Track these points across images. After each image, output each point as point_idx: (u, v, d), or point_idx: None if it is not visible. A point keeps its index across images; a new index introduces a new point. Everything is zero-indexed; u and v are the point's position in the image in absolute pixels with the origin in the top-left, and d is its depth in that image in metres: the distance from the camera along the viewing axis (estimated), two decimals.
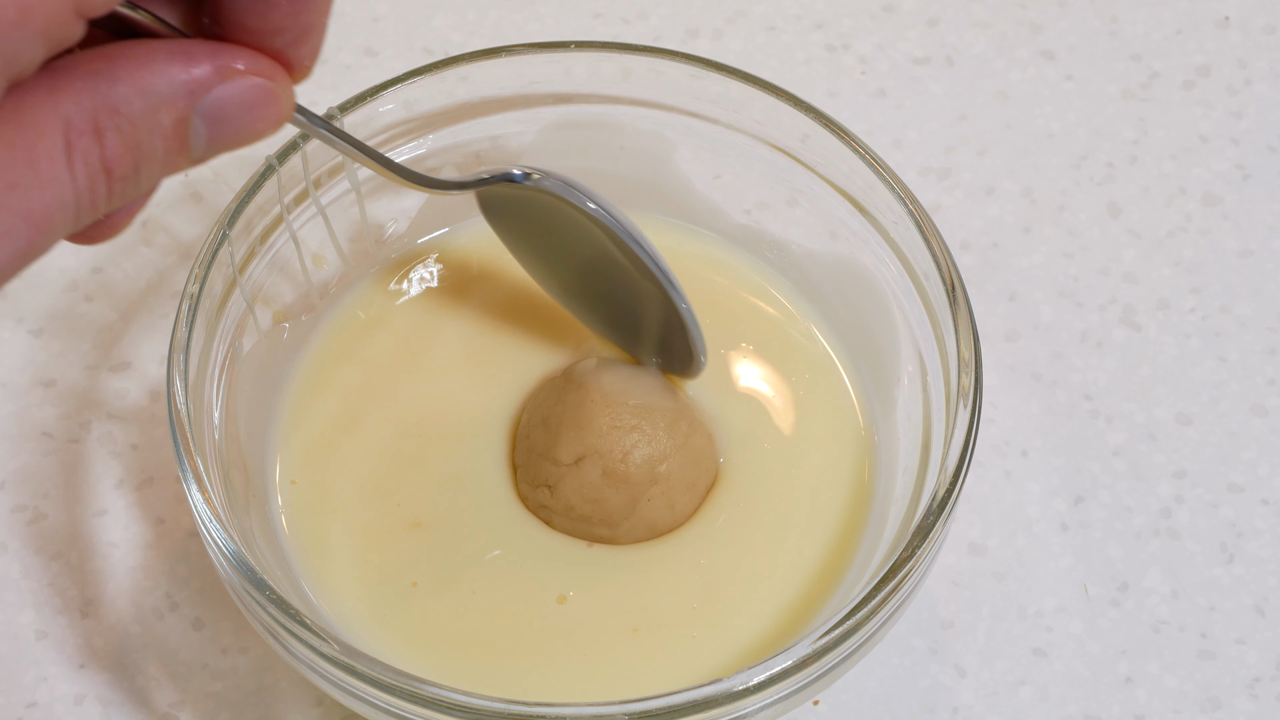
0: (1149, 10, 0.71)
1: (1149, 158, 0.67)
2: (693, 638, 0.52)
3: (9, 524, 0.58)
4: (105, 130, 0.36)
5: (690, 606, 0.53)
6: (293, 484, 0.55)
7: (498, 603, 0.53)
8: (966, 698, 0.56)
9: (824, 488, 0.55)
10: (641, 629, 0.53)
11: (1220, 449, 0.61)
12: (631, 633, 0.52)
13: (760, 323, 0.58)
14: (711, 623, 0.53)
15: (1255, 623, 0.57)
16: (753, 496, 0.55)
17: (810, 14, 0.70)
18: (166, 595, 0.57)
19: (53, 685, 0.56)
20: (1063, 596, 0.58)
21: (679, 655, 0.52)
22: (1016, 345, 0.63)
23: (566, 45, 0.58)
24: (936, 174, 0.67)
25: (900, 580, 0.48)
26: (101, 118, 0.36)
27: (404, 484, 0.55)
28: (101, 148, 0.36)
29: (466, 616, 0.53)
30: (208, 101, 0.37)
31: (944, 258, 0.53)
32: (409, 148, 0.58)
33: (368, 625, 0.52)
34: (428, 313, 0.58)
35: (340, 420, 0.56)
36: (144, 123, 0.37)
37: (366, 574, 0.53)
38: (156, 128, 0.37)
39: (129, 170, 0.37)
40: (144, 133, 0.37)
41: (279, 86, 0.39)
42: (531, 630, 0.52)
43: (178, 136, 0.37)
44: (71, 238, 0.39)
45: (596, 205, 0.52)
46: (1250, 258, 0.65)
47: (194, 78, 0.37)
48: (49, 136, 0.36)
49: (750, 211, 0.60)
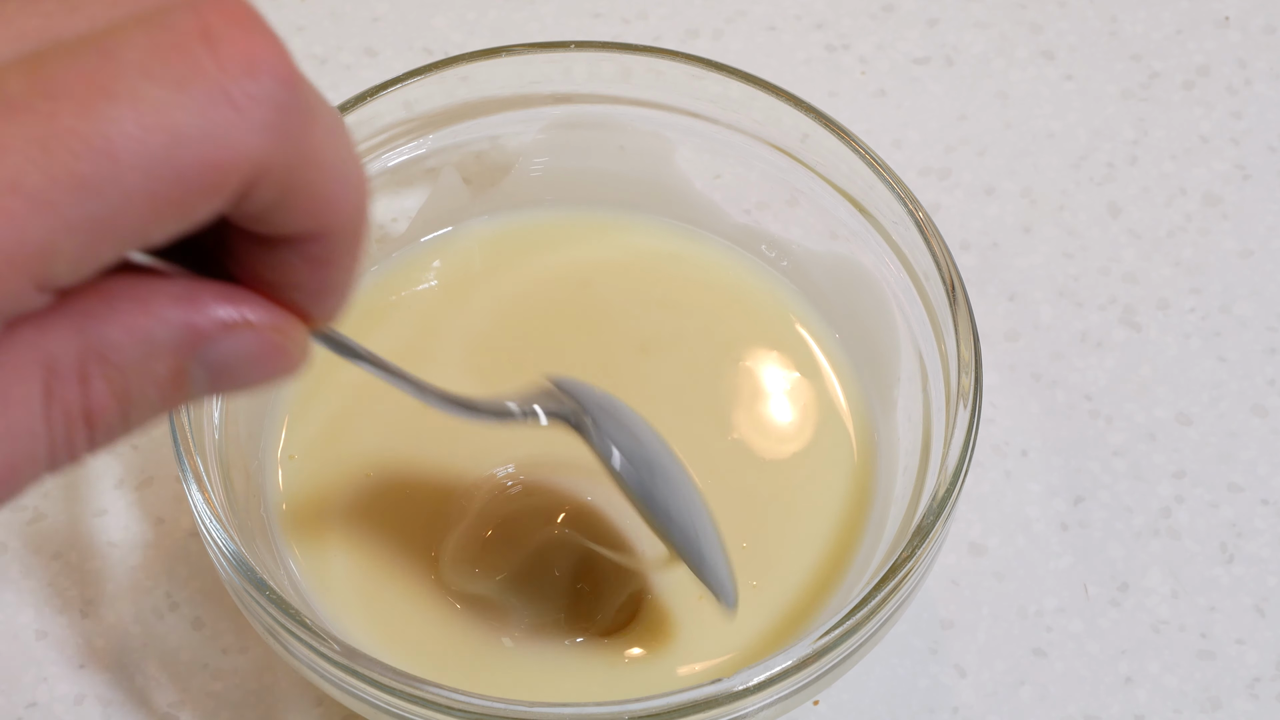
0: (1149, 10, 0.71)
1: (1149, 158, 0.67)
2: (693, 637, 0.52)
3: (9, 524, 0.58)
4: (92, 378, 0.33)
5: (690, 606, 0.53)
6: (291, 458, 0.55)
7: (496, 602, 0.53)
8: (966, 698, 0.56)
9: (824, 488, 0.55)
10: (641, 629, 0.53)
11: (1220, 449, 0.61)
12: (631, 632, 0.52)
13: (760, 323, 0.58)
14: (712, 622, 0.53)
15: (1255, 623, 0.57)
16: (752, 496, 0.55)
17: (810, 14, 0.70)
18: (166, 595, 0.57)
19: (53, 685, 0.56)
20: (1063, 596, 0.58)
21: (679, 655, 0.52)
22: (1016, 345, 0.63)
23: (566, 45, 0.58)
24: (936, 174, 0.67)
25: (900, 580, 0.48)
26: (89, 364, 0.33)
27: (403, 484, 0.55)
28: (85, 396, 0.33)
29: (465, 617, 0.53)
30: (209, 352, 0.34)
31: (944, 258, 0.53)
32: (409, 148, 0.58)
33: (367, 625, 0.52)
34: (428, 312, 0.58)
35: (340, 420, 0.56)
36: (136, 371, 0.33)
37: (366, 574, 0.53)
38: (149, 376, 0.33)
39: (115, 419, 0.33)
40: (135, 381, 0.33)
41: (290, 340, 0.35)
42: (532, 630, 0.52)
43: (174, 385, 0.34)
44: None
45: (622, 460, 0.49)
46: (1250, 258, 0.65)
47: (196, 327, 0.34)
48: (26, 383, 0.32)
49: (750, 211, 0.60)
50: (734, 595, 0.50)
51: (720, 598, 0.50)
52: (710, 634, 0.52)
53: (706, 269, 0.59)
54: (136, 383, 0.33)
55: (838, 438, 0.56)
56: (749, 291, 0.59)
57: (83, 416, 0.33)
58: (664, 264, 0.59)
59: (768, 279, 0.59)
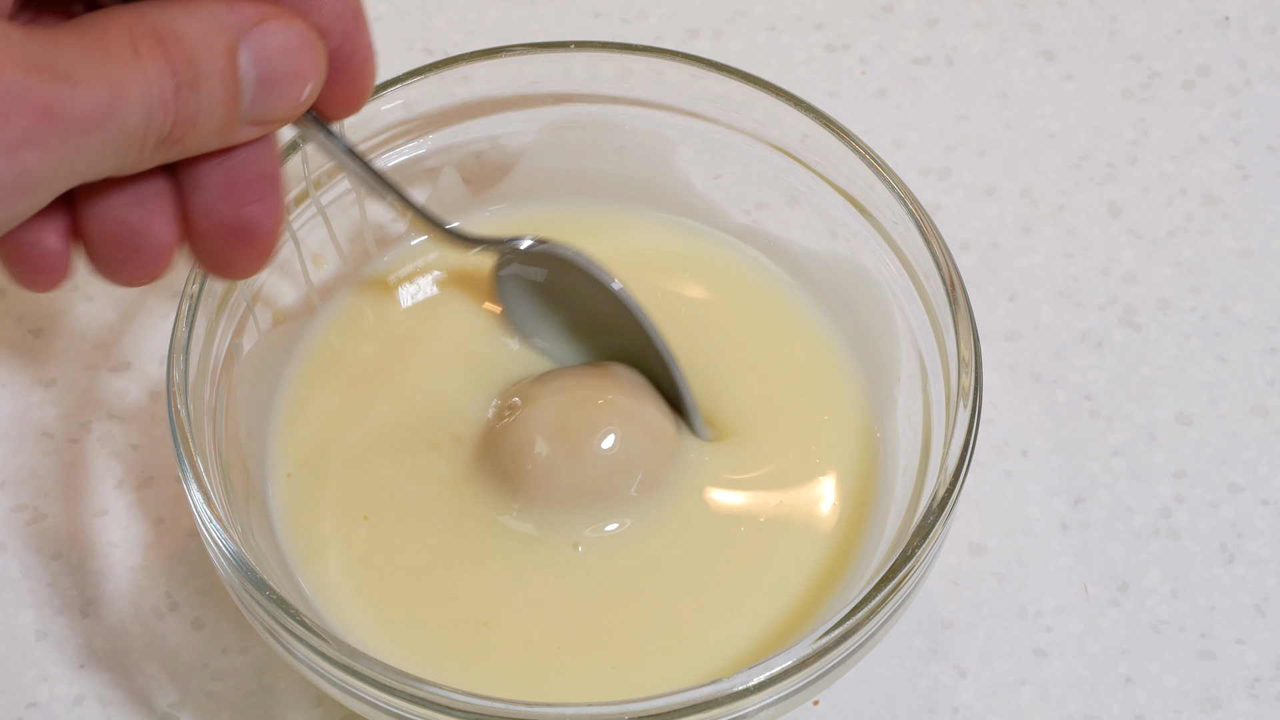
0: (1149, 10, 0.71)
1: (1149, 158, 0.67)
2: (693, 637, 0.52)
3: (9, 524, 0.58)
4: (166, 40, 0.39)
5: (690, 607, 0.53)
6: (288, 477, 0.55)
7: (495, 603, 0.53)
8: (966, 698, 0.56)
9: (824, 487, 0.55)
10: (640, 629, 0.53)
11: (1220, 449, 0.61)
12: (631, 633, 0.52)
13: (760, 323, 0.58)
14: (712, 623, 0.53)
15: (1255, 623, 0.57)
16: (752, 496, 0.55)
17: (810, 14, 0.70)
18: (166, 595, 0.57)
19: (53, 685, 0.56)
20: (1063, 596, 0.58)
21: (679, 655, 0.52)
22: (1016, 345, 0.63)
23: (566, 45, 0.58)
24: (936, 174, 0.67)
25: (900, 580, 0.48)
26: (161, 32, 0.39)
27: (403, 483, 0.55)
28: (165, 51, 0.39)
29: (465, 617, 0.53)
30: (253, 39, 0.41)
31: (944, 258, 0.53)
32: (409, 148, 0.58)
33: (366, 625, 0.52)
34: (428, 312, 0.58)
35: (340, 420, 0.56)
36: (199, 42, 0.40)
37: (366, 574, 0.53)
38: (210, 50, 0.40)
39: (190, 80, 0.40)
40: (200, 50, 0.40)
41: (317, 39, 0.42)
42: (530, 630, 0.52)
43: (230, 66, 0.40)
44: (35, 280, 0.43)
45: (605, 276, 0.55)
46: (1250, 258, 0.65)
47: (239, 15, 0.41)
48: (115, 35, 0.39)
49: (750, 211, 0.60)
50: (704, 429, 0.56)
51: (694, 423, 0.55)
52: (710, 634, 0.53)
53: (706, 269, 0.59)
54: (202, 52, 0.40)
55: (838, 437, 0.56)
56: (749, 291, 0.59)
57: (168, 68, 0.39)
58: (664, 264, 0.59)
59: (768, 279, 0.59)
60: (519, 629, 0.52)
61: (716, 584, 0.53)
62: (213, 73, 0.40)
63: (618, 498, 0.54)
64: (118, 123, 0.39)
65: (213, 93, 0.40)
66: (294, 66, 0.42)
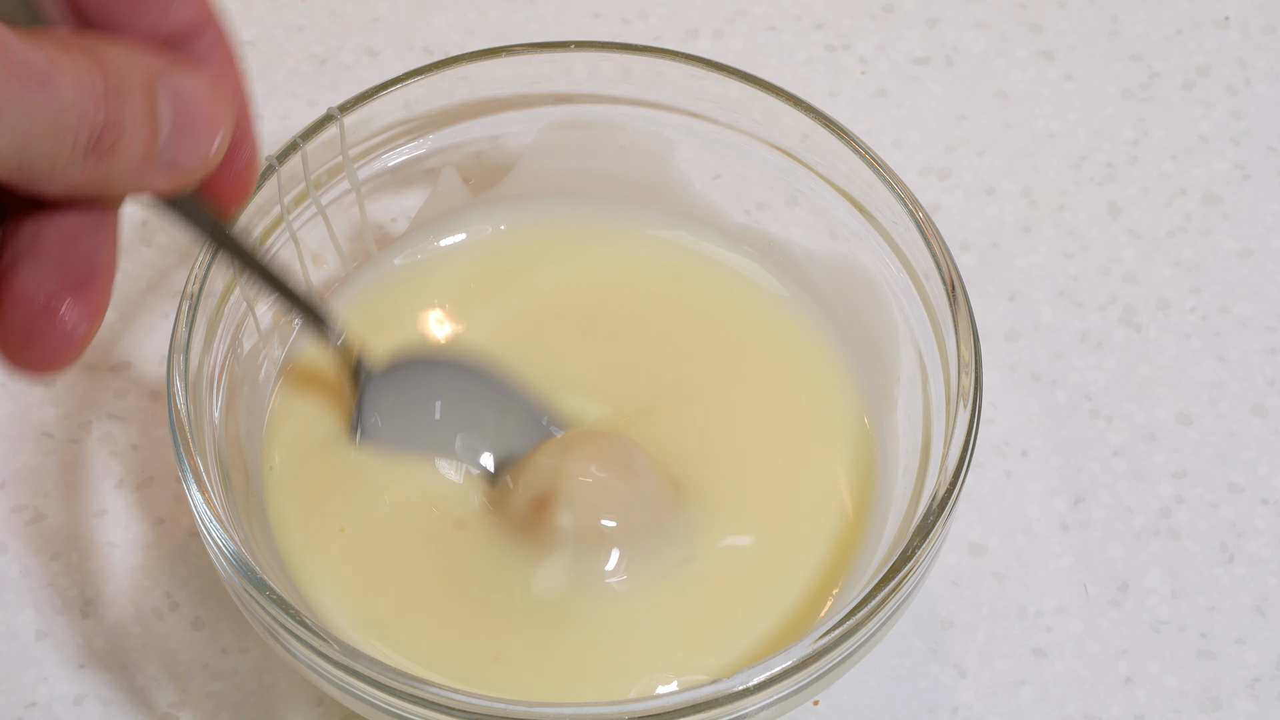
0: (1149, 10, 0.71)
1: (1149, 158, 0.67)
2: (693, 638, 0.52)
3: (9, 524, 0.58)
4: (93, 50, 0.39)
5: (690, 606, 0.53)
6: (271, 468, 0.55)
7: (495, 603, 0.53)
8: (966, 698, 0.56)
9: (824, 487, 0.55)
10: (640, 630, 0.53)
11: (1220, 449, 0.61)
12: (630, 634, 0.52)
13: (760, 323, 0.58)
14: (711, 623, 0.53)
15: (1255, 623, 0.57)
16: (752, 496, 0.55)
17: (810, 14, 0.70)
18: (166, 595, 0.57)
19: (53, 685, 0.56)
20: (1063, 596, 0.58)
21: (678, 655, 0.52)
22: (1016, 345, 0.63)
23: (566, 45, 0.58)
24: (936, 174, 0.67)
25: (900, 580, 0.48)
26: (90, 44, 0.39)
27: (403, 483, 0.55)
28: (96, 58, 0.39)
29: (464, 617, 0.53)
30: (169, 78, 0.41)
31: (944, 258, 0.53)
32: (409, 148, 0.58)
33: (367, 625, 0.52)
34: (427, 312, 0.58)
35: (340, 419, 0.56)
36: (124, 63, 0.40)
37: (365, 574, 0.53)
38: (132, 76, 0.40)
39: (117, 88, 0.39)
40: (125, 68, 0.40)
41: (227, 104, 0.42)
42: (530, 630, 0.52)
43: (149, 98, 0.40)
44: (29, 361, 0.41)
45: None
46: (1250, 258, 0.65)
47: (157, 56, 0.41)
48: (49, 36, 0.39)
49: (750, 211, 0.60)
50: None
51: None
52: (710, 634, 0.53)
53: (706, 269, 0.59)
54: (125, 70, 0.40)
55: (838, 438, 0.56)
56: (749, 291, 0.59)
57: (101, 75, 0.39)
58: (663, 264, 0.59)
59: (768, 279, 0.59)
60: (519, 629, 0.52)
61: (716, 583, 0.53)
62: (135, 91, 0.40)
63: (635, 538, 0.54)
64: (55, 92, 0.38)
65: (136, 109, 0.40)
66: (208, 113, 0.41)
